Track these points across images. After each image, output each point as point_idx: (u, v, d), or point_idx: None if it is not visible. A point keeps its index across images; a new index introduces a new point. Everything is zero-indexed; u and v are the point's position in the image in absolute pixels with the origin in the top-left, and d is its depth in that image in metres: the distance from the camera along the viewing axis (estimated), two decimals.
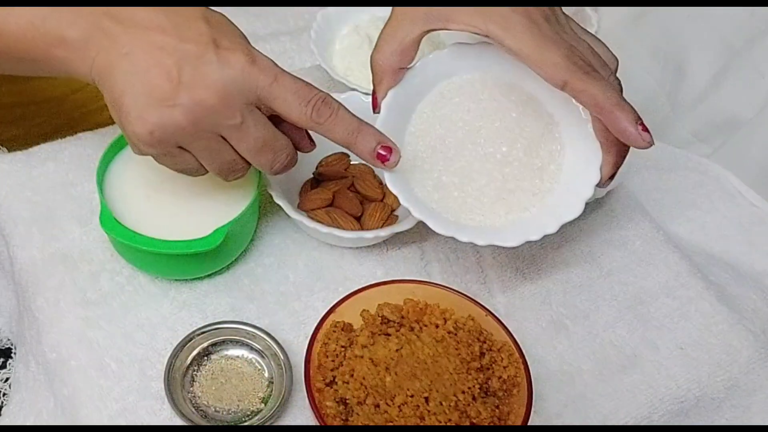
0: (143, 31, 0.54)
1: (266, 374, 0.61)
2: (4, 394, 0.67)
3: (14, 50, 0.56)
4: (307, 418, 0.60)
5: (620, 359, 0.65)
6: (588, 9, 0.96)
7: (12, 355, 0.69)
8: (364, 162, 0.74)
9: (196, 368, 0.61)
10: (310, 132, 0.62)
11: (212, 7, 0.58)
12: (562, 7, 0.62)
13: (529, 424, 0.56)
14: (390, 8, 0.87)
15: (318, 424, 0.56)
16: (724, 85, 0.85)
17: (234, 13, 0.95)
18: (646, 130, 0.57)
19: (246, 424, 0.59)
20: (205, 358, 0.62)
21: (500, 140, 0.61)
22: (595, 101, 0.57)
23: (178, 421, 0.58)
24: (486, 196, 0.61)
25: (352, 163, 0.75)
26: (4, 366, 0.68)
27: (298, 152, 0.62)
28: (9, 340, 0.71)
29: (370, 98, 0.73)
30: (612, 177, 0.61)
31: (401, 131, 0.62)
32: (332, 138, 0.59)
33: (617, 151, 0.60)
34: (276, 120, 0.58)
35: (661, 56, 0.91)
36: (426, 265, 0.70)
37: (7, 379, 0.67)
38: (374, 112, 0.63)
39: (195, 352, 0.62)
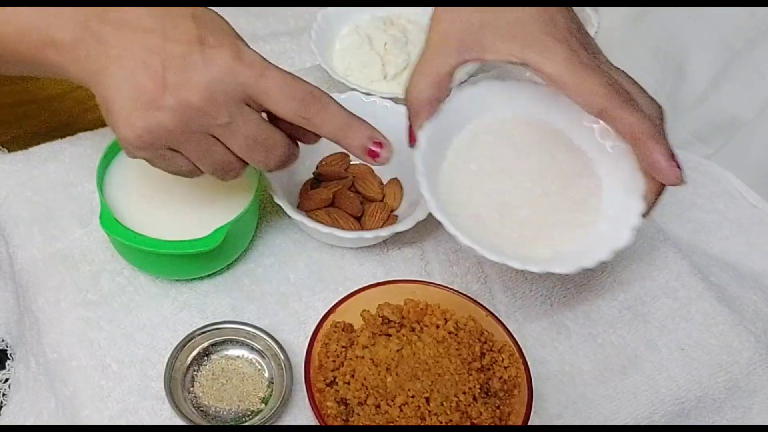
0: (131, 32, 0.53)
1: (266, 374, 0.61)
2: (3, 395, 0.67)
3: (4, 53, 0.56)
4: (308, 418, 0.60)
5: (621, 360, 0.66)
6: (588, 9, 0.96)
7: (9, 355, 0.68)
8: (364, 162, 0.75)
9: (196, 368, 0.61)
10: None
11: (213, 7, 0.58)
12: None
13: (529, 424, 0.56)
14: (391, 8, 0.87)
15: (318, 424, 0.56)
16: (724, 86, 0.85)
17: (234, 13, 0.95)
18: (678, 166, 0.56)
19: (246, 424, 0.59)
20: (206, 358, 0.62)
21: (536, 175, 0.61)
22: (631, 130, 0.56)
23: (179, 422, 0.58)
24: (528, 229, 0.60)
25: (352, 163, 0.75)
26: (3, 366, 0.68)
27: (304, 145, 0.61)
28: (4, 341, 0.71)
29: (370, 98, 0.74)
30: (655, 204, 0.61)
31: (437, 166, 0.61)
32: (322, 134, 0.58)
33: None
34: (274, 116, 0.58)
35: (661, 56, 0.91)
36: (426, 265, 0.70)
37: (6, 380, 0.67)
38: (410, 145, 0.62)
39: (195, 352, 0.62)
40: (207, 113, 0.54)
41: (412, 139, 0.62)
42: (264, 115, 0.57)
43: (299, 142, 0.61)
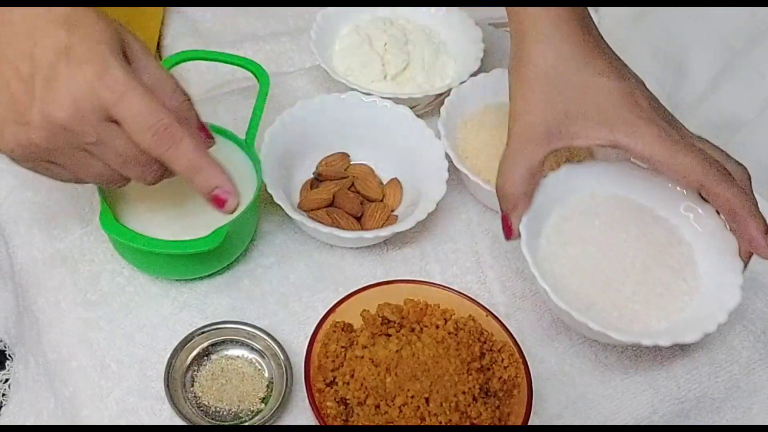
0: (12, 36, 0.51)
1: (266, 374, 0.61)
2: (3, 395, 0.67)
3: None
4: (307, 418, 0.60)
5: (621, 360, 0.65)
6: (588, 9, 0.96)
7: (8, 356, 0.69)
8: (365, 162, 0.75)
9: (196, 368, 0.61)
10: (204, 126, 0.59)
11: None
12: None
13: (529, 424, 0.56)
14: (391, 8, 0.87)
15: (318, 424, 0.56)
16: (724, 86, 0.85)
17: (234, 14, 0.96)
18: None
19: (246, 424, 0.59)
20: (205, 358, 0.62)
21: (632, 249, 0.64)
22: (730, 206, 0.59)
23: (179, 422, 0.58)
24: (638, 303, 0.62)
25: (352, 163, 0.75)
26: (2, 367, 0.68)
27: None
28: (2, 341, 0.71)
29: (370, 98, 0.74)
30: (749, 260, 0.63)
31: (535, 255, 0.63)
32: (172, 170, 0.55)
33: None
34: None
35: (661, 56, 0.91)
36: (426, 265, 0.70)
37: (6, 380, 0.67)
38: (509, 238, 0.63)
39: (195, 353, 0.62)
40: (73, 131, 0.51)
41: (509, 232, 0.62)
42: None
43: None
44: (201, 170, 0.55)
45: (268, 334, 0.62)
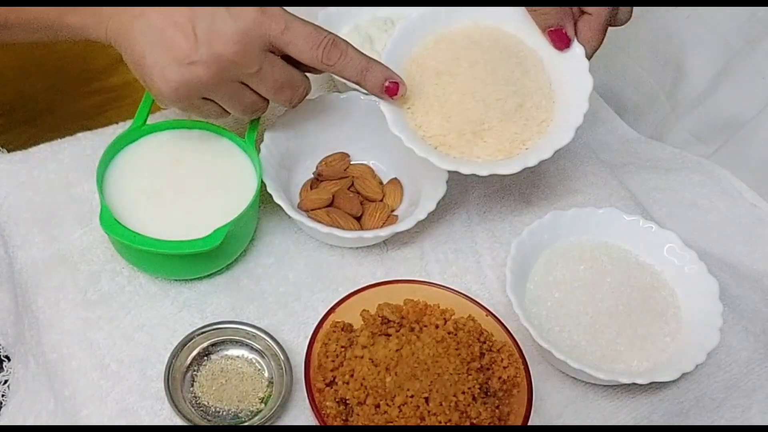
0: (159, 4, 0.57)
1: (266, 374, 0.61)
2: (2, 395, 0.67)
3: (28, 21, 0.60)
4: (307, 418, 0.60)
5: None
6: None
7: (5, 357, 0.68)
8: (364, 162, 0.75)
9: (196, 368, 0.61)
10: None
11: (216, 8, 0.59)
12: None
13: (529, 424, 0.56)
14: (391, 8, 0.87)
15: (318, 424, 0.56)
16: (724, 86, 0.85)
17: None
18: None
19: (246, 424, 0.59)
20: (205, 358, 0.62)
21: (616, 293, 0.66)
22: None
23: (179, 422, 0.58)
24: (621, 345, 0.64)
25: (352, 163, 0.75)
26: (1, 368, 0.68)
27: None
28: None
29: (370, 98, 0.74)
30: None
31: (523, 298, 0.65)
32: (343, 77, 0.63)
33: None
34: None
35: (660, 56, 0.91)
36: (426, 265, 0.70)
37: (5, 381, 0.67)
38: (565, 47, 0.68)
39: (195, 352, 0.62)
40: (239, 63, 0.58)
41: (567, 40, 0.68)
42: None
43: None
44: (369, 69, 0.63)
45: (268, 334, 0.62)
